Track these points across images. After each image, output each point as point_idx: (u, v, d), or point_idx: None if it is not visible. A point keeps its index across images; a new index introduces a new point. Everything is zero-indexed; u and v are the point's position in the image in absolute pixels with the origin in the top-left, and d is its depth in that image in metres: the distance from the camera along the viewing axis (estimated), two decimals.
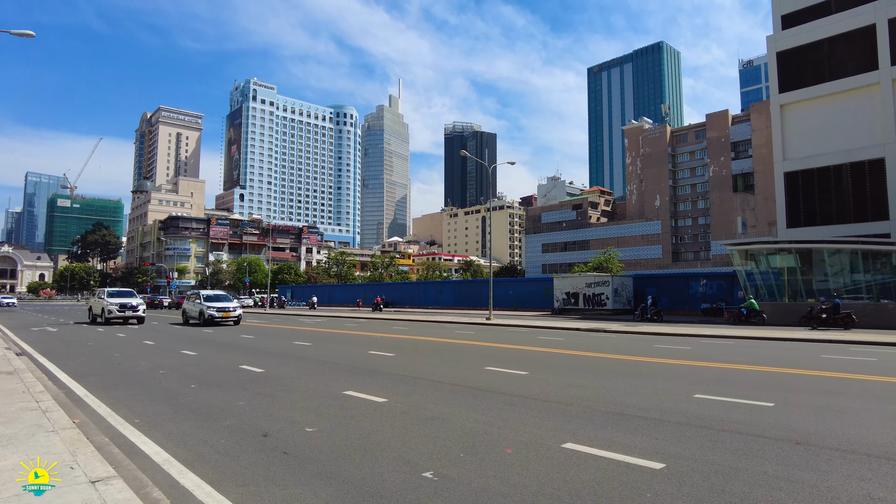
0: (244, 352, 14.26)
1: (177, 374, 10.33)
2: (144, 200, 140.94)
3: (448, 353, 13.82)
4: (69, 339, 18.89)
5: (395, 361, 12.06)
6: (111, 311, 25.85)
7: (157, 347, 15.54)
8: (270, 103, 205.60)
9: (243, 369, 10.79)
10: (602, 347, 15.23)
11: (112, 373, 10.61)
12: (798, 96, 35.82)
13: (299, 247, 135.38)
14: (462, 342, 16.99)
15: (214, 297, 27.61)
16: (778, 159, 36.67)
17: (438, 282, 67.65)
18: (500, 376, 9.73)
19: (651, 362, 11.90)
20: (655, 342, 16.94)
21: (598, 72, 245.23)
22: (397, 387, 8.70)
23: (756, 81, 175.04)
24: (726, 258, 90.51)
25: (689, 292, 37.84)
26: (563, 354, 13.48)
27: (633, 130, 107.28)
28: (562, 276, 42.20)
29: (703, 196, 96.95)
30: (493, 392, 8.17)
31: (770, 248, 30.65)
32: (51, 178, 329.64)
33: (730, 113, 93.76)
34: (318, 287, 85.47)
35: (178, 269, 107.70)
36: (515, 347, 15.24)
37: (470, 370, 10.53)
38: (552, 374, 10.12)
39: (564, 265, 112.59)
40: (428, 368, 10.88)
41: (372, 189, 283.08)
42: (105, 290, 29.21)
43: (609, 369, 10.79)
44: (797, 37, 36.28)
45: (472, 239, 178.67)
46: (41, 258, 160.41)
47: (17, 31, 15.94)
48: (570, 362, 11.97)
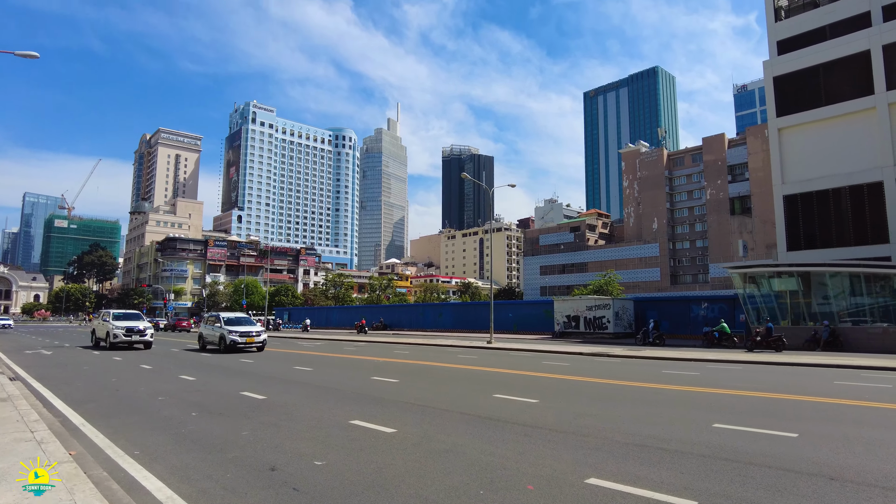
0: (244, 377, 13.94)
1: (176, 400, 10.02)
2: (142, 221, 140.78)
3: (453, 380, 13.52)
4: (65, 362, 18.51)
5: (400, 388, 11.77)
6: (116, 336, 24.19)
7: (155, 372, 15.20)
8: (270, 126, 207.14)
9: (245, 396, 10.48)
10: (609, 373, 14.95)
11: (109, 399, 10.29)
12: (795, 120, 36.09)
13: (297, 268, 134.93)
14: (466, 367, 16.68)
15: (236, 321, 24.93)
16: (777, 182, 36.79)
17: (437, 304, 67.24)
18: (511, 404, 9.45)
19: (662, 389, 11.64)
20: (662, 367, 16.66)
21: (595, 96, 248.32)
22: (405, 416, 8.42)
23: (750, 106, 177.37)
24: (725, 281, 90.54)
25: (691, 315, 37.55)
26: (571, 381, 13.19)
27: (629, 154, 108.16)
28: (562, 299, 41.94)
29: (700, 219, 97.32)
30: (505, 422, 7.90)
31: (771, 270, 30.55)
32: (49, 198, 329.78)
33: (726, 137, 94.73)
34: (315, 309, 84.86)
35: (174, 291, 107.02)
36: (521, 373, 14.95)
37: (479, 398, 10.25)
38: (563, 401, 9.85)
39: (563, 287, 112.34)
40: (435, 396, 10.59)
41: (370, 211, 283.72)
42: (110, 312, 27.33)
43: (621, 397, 10.52)
44: (793, 62, 36.72)
45: (469, 261, 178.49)
46: (36, 279, 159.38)
47: (22, 53, 15.93)
48: (580, 389, 11.69)
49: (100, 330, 26.36)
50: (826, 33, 36.28)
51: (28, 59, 16.10)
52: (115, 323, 24.76)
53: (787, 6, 40.44)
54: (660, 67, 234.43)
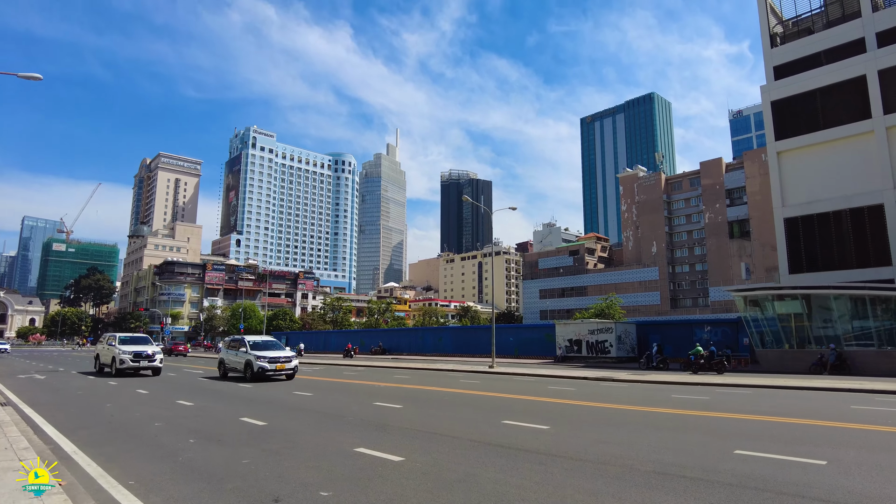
0: (242, 402, 13.54)
1: (173, 426, 9.65)
2: (140, 245, 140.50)
3: (458, 405, 13.13)
4: (58, 387, 18.06)
5: (404, 414, 11.39)
6: (123, 361, 22.32)
7: (152, 397, 14.78)
8: (270, 150, 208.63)
9: (244, 422, 10.11)
10: (617, 398, 14.57)
11: (103, 426, 9.91)
12: (794, 143, 36.24)
13: (295, 292, 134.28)
14: (470, 392, 16.28)
15: (263, 345, 22.01)
16: (777, 205, 36.77)
17: (437, 328, 66.62)
18: (521, 431, 9.09)
19: (674, 414, 11.28)
20: (670, 392, 16.29)
21: (592, 122, 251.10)
22: (412, 443, 8.07)
23: (746, 131, 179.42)
24: (726, 304, 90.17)
25: (694, 339, 37.09)
26: (579, 406, 12.82)
27: (627, 178, 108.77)
28: (564, 323, 41.55)
29: (699, 242, 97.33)
30: (517, 449, 7.56)
31: (774, 293, 30.29)
32: (47, 222, 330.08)
33: (723, 161, 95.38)
34: (312, 333, 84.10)
35: (171, 315, 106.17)
36: (527, 398, 14.56)
37: (486, 424, 9.88)
38: (575, 428, 9.49)
39: (562, 311, 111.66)
40: (441, 422, 10.22)
41: (368, 235, 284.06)
42: (116, 335, 25.14)
43: (633, 422, 10.17)
44: (790, 87, 37.04)
45: (468, 284, 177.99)
46: (32, 302, 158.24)
47: (25, 74, 15.92)
48: (590, 415, 11.33)
49: (104, 355, 24.44)
50: (821, 59, 36.67)
51: (31, 80, 16.07)
52: (121, 347, 22.93)
53: (783, 33, 41.06)
54: (656, 94, 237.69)
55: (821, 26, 38.34)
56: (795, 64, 37.72)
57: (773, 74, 39.06)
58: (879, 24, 33.42)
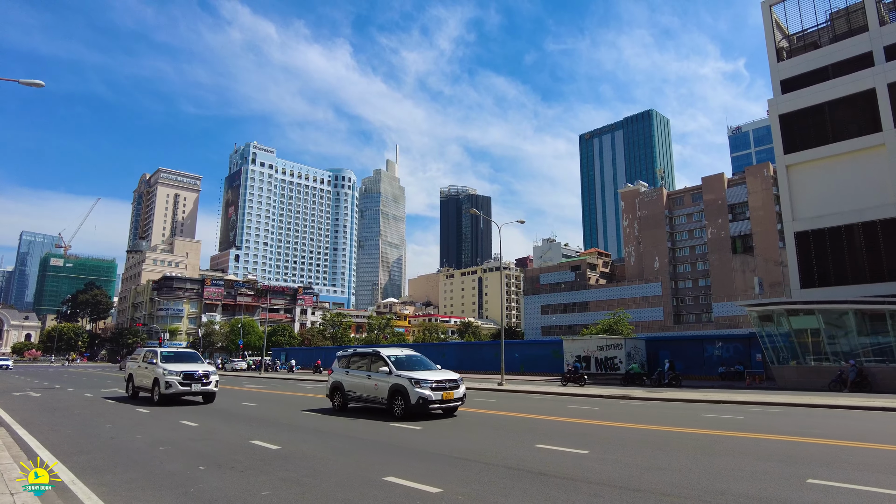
0: (251, 423, 12.76)
1: (180, 451, 8.89)
2: (139, 260, 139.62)
3: (481, 426, 12.36)
4: (54, 406, 17.24)
5: (427, 437, 10.64)
6: (170, 384, 17.27)
7: (153, 417, 13.99)
8: (270, 166, 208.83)
9: (257, 445, 9.35)
10: (645, 418, 13.81)
11: (104, 450, 9.15)
12: (803, 157, 35.85)
13: (294, 308, 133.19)
14: (488, 412, 15.50)
15: (409, 362, 15.19)
16: (787, 219, 36.27)
17: (440, 344, 65.73)
18: (559, 456, 8.36)
19: (716, 435, 10.55)
20: (699, 410, 15.52)
21: (590, 138, 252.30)
22: (446, 471, 7.33)
23: (745, 147, 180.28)
24: (730, 320, 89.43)
25: (705, 355, 36.39)
26: (610, 427, 12.07)
27: (629, 193, 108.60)
28: (572, 339, 40.74)
29: (702, 258, 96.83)
30: (563, 478, 6.84)
31: (790, 308, 29.60)
32: (45, 237, 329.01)
33: (725, 176, 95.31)
34: (312, 350, 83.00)
35: (169, 331, 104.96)
36: (552, 419, 13.80)
37: (520, 448, 9.13)
38: (617, 452, 8.75)
39: (564, 327, 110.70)
40: (469, 445, 9.46)
41: (367, 250, 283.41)
42: (157, 350, 19.60)
43: (676, 445, 9.43)
44: (798, 100, 36.76)
45: (468, 300, 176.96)
46: (29, 318, 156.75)
47: (26, 81, 15.39)
48: (627, 437, 10.58)
49: (141, 376, 19.34)
50: (829, 73, 36.46)
51: (33, 87, 15.55)
52: (166, 366, 17.86)
53: (788, 47, 40.96)
54: (654, 110, 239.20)
55: (827, 41, 38.22)
56: (802, 78, 37.50)
57: (781, 88, 38.82)
58: (887, 38, 33.29)
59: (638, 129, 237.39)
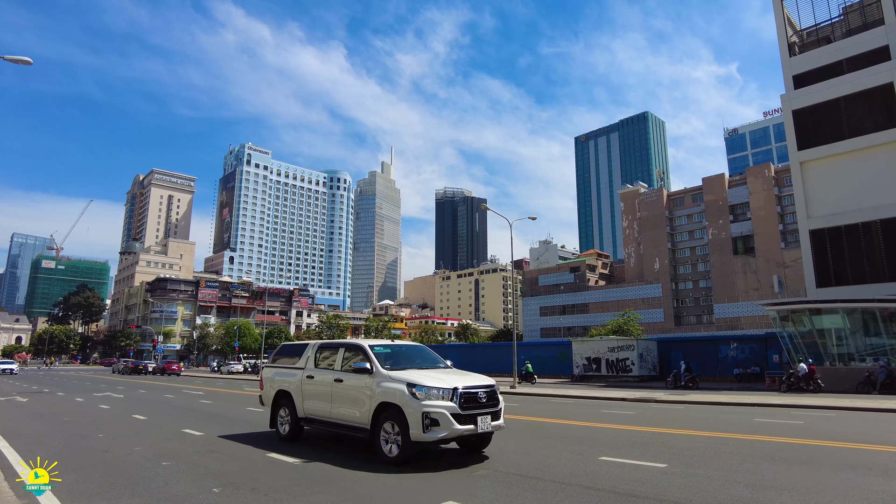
0: (262, 432, 11.49)
1: (187, 467, 7.63)
2: (132, 262, 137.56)
3: (528, 435, 11.10)
4: (41, 412, 15.89)
5: None
6: (435, 420, 7.41)
7: (151, 424, 12.69)
8: (264, 167, 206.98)
9: (275, 459, 8.11)
10: (694, 422, 12.63)
11: (97, 467, 7.87)
12: (818, 153, 34.98)
13: (289, 310, 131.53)
14: (523, 418, 14.28)
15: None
16: (802, 217, 35.36)
17: (443, 346, 64.44)
18: (637, 472, 7.15)
19: (797, 444, 9.38)
20: (744, 415, 14.38)
21: (585, 141, 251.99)
22: (513, 493, 6.10)
23: (742, 149, 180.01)
24: (731, 321, 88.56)
25: (719, 357, 35.40)
26: (673, 435, 10.83)
27: (628, 194, 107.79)
28: (581, 340, 39.66)
29: (702, 259, 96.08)
30: (657, 500, 5.65)
31: (812, 307, 28.60)
32: (37, 239, 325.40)
33: (726, 177, 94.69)
34: None
35: (163, 333, 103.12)
36: (597, 426, 12.57)
37: (585, 462, 7.90)
38: (700, 465, 7.54)
39: (563, 329, 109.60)
40: (523, 459, 8.19)
41: (363, 252, 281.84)
42: (360, 344, 9.31)
43: (762, 455, 8.20)
44: (812, 95, 35.92)
45: (465, 302, 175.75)
46: (19, 320, 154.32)
47: (12, 58, 14.11)
48: (699, 446, 9.33)
49: (326, 397, 9.21)
50: (843, 67, 35.65)
51: (21, 65, 14.27)
52: (409, 377, 8.03)
53: (801, 42, 40.16)
54: (650, 113, 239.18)
55: (841, 35, 37.45)
56: (816, 73, 36.68)
57: (793, 83, 37.96)
58: None
59: (633, 132, 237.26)
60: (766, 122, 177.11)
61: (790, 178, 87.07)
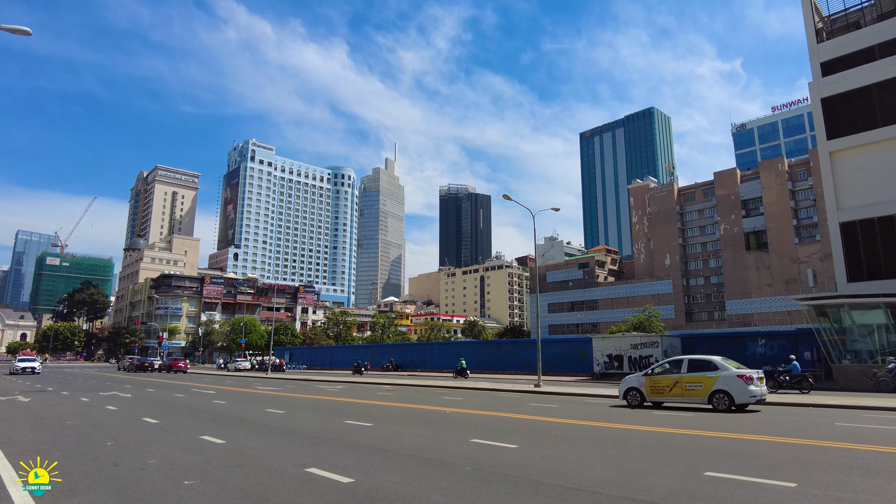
0: (291, 439, 10.26)
1: (215, 488, 6.38)
2: (136, 258, 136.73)
3: (596, 443, 9.90)
4: (44, 414, 14.72)
5: (530, 457, 8.15)
6: None
7: (165, 430, 11.49)
8: (269, 164, 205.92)
9: (316, 476, 6.87)
10: (779, 429, 11.35)
11: (107, 486, 6.65)
12: (849, 143, 33.57)
13: (295, 307, 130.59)
14: (572, 422, 13.04)
15: None
16: (831, 209, 33.99)
17: (455, 343, 63.43)
18: (765, 492, 5.87)
19: None
20: (820, 417, 13.10)
21: (591, 136, 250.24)
22: None
23: (750, 144, 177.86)
24: (743, 318, 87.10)
25: (746, 353, 34.06)
26: (768, 443, 9.54)
27: (638, 189, 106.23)
28: (602, 337, 38.42)
29: (714, 255, 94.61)
30: None
31: (852, 302, 27.26)
32: (41, 236, 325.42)
33: (738, 171, 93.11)
34: (317, 349, 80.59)
35: (168, 330, 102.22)
36: (668, 431, 11.35)
37: (691, 479, 6.56)
38: (831, 484, 6.26)
39: (572, 326, 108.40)
40: (621, 476, 6.91)
41: (366, 249, 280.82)
42: None
43: (884, 468, 6.98)
44: (842, 83, 34.48)
45: (470, 299, 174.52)
46: (24, 317, 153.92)
47: (10, 27, 12.89)
48: (811, 457, 8.07)
49: None
50: (875, 53, 34.19)
51: (19, 35, 13.06)
52: None
53: (829, 28, 38.70)
54: (655, 108, 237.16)
55: (871, 20, 35.96)
56: (845, 59, 35.25)
57: (821, 70, 36.53)
58: None
59: (639, 127, 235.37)
60: (775, 116, 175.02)
61: (804, 173, 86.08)
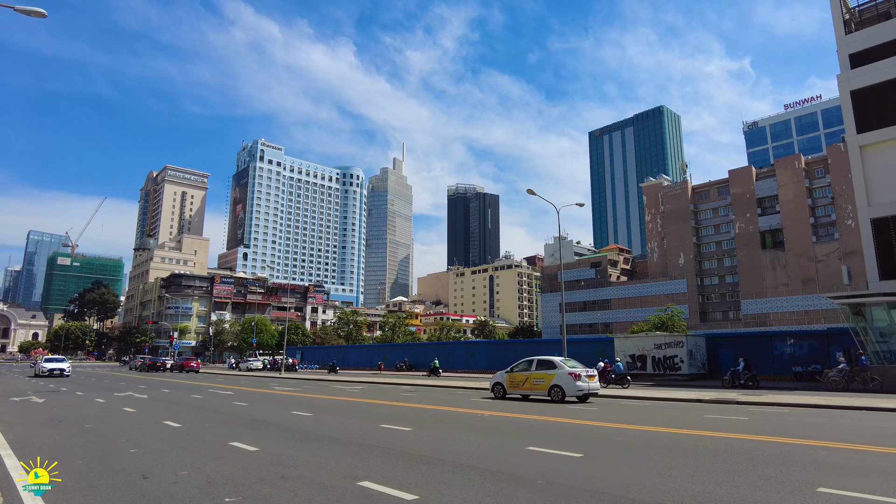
0: (330, 445, 9.47)
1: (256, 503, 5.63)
2: (146, 258, 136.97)
3: (658, 450, 9.06)
4: (60, 416, 14.06)
5: (598, 468, 7.35)
6: None
7: (189, 435, 10.76)
8: (278, 164, 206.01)
9: (372, 491, 6.07)
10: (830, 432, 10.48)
11: (139, 502, 5.91)
12: (881, 136, 32.40)
13: (304, 306, 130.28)
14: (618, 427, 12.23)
15: None
16: (862, 205, 32.84)
17: (470, 342, 62.63)
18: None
19: None
20: (875, 420, 12.20)
21: (600, 136, 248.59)
22: None
23: (762, 142, 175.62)
24: (759, 318, 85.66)
25: (774, 353, 33.06)
26: (851, 452, 8.75)
27: (651, 187, 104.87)
28: (624, 337, 37.48)
29: (729, 254, 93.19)
30: None
31: (893, 300, 26.17)
32: (52, 236, 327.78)
33: (753, 169, 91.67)
34: (329, 348, 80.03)
35: (179, 329, 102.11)
36: (724, 436, 10.50)
37: (804, 495, 5.80)
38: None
39: (584, 325, 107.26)
40: (717, 491, 6.14)
41: (375, 249, 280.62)
42: None
43: None
44: (873, 75, 33.30)
45: (479, 299, 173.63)
46: (36, 317, 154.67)
47: (24, 8, 12.25)
48: (877, 465, 7.24)
49: None
50: None
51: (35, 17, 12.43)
52: None
53: (859, 19, 37.57)
54: (665, 107, 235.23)
55: None
56: (876, 50, 34.07)
57: (850, 62, 35.39)
58: None
59: (649, 126, 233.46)
60: (787, 115, 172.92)
61: (821, 170, 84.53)
